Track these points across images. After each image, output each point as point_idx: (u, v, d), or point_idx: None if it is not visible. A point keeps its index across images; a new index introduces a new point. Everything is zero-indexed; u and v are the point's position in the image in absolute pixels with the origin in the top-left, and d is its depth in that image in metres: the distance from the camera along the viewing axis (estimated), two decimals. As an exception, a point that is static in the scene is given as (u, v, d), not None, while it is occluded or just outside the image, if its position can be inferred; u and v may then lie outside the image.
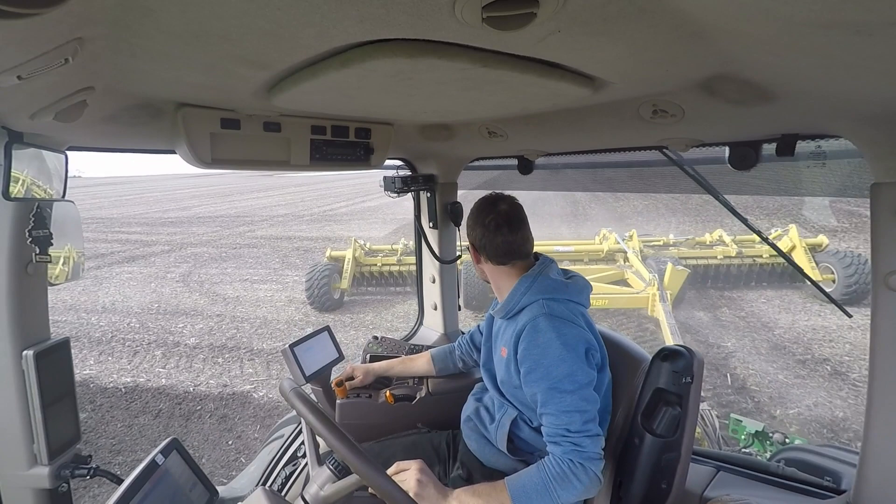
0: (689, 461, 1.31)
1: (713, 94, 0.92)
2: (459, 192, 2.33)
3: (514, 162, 1.98)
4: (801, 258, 7.24)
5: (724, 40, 0.66)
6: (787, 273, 7.69)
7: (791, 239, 7.47)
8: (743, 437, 3.19)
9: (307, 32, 0.68)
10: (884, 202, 0.96)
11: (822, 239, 7.62)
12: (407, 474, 1.16)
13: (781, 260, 7.34)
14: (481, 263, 1.45)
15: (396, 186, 2.10)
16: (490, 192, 1.45)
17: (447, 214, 2.27)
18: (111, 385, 5.35)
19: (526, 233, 1.39)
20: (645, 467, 1.28)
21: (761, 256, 7.67)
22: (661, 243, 8.35)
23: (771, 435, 3.04)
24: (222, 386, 5.37)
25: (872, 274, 1.00)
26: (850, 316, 1.55)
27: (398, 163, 2.23)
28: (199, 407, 4.92)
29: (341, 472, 1.10)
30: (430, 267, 2.39)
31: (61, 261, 1.34)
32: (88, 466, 1.29)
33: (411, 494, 1.09)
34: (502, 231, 1.35)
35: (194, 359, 6.17)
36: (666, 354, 1.33)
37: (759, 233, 1.60)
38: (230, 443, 4.23)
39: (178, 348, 6.47)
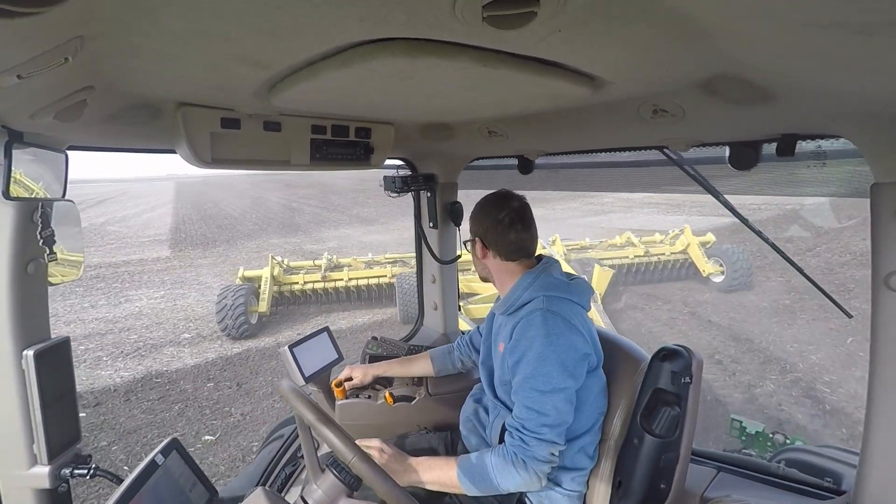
0: (689, 461, 1.31)
1: (713, 94, 0.92)
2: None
3: (514, 161, 1.98)
4: (696, 253, 8.46)
5: (724, 40, 0.66)
6: (684, 268, 8.83)
7: (686, 237, 8.56)
8: (743, 437, 3.19)
9: (307, 32, 0.68)
10: (884, 202, 0.96)
11: (710, 237, 8.77)
12: (370, 451, 1.24)
13: (681, 257, 8.68)
14: (486, 259, 1.43)
15: (397, 186, 2.10)
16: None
17: (447, 214, 2.26)
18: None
19: (535, 231, 1.40)
20: (644, 467, 1.28)
21: (664, 254, 8.64)
22: (579, 246, 8.82)
23: (771, 435, 3.04)
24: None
25: (872, 274, 1.00)
26: (850, 316, 1.54)
27: (398, 162, 2.23)
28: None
29: (342, 473, 1.10)
30: (431, 267, 2.39)
31: (82, 267, 1.37)
32: (88, 466, 1.28)
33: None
34: (516, 228, 1.35)
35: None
36: (665, 355, 1.33)
37: (759, 233, 1.60)
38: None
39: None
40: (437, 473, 1.24)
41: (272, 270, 7.38)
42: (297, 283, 7.63)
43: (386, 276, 7.84)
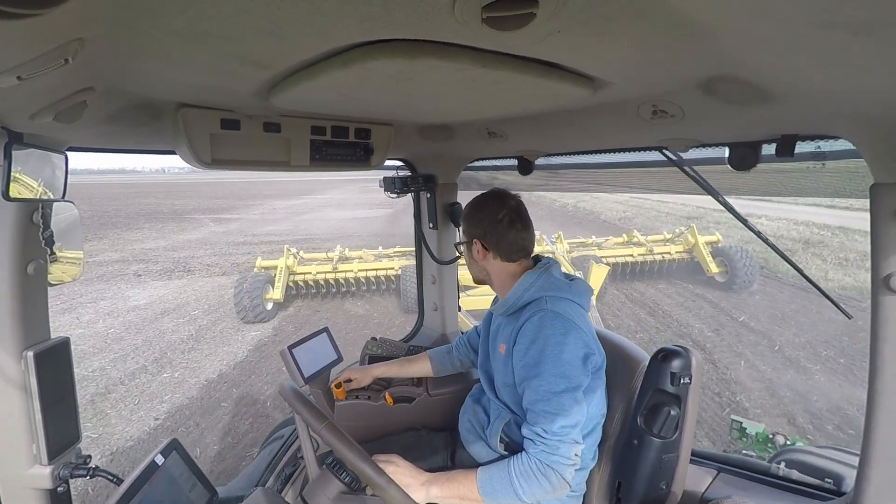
0: (689, 462, 1.30)
1: (713, 95, 0.92)
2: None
3: (514, 162, 1.98)
4: (702, 253, 8.60)
5: (724, 40, 0.66)
6: (690, 266, 9.03)
7: (691, 236, 8.69)
8: (743, 438, 3.19)
9: (307, 32, 0.68)
10: (884, 203, 0.96)
11: (717, 236, 8.89)
12: (383, 465, 1.20)
13: (687, 256, 8.81)
14: (485, 261, 1.40)
15: (396, 187, 2.10)
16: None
17: (447, 215, 2.26)
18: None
19: (533, 230, 1.41)
20: (644, 468, 1.28)
21: (669, 253, 8.83)
22: (583, 244, 9.07)
23: (771, 436, 3.04)
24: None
25: (872, 275, 0.99)
26: (850, 317, 1.54)
27: (398, 163, 2.23)
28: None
29: (341, 473, 1.10)
30: (430, 268, 2.39)
31: (83, 267, 1.39)
32: (88, 466, 1.28)
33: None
34: (516, 227, 1.35)
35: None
36: (664, 355, 1.33)
37: (759, 233, 1.59)
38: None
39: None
40: (457, 487, 1.20)
41: (286, 260, 7.84)
42: (309, 272, 8.07)
43: (393, 268, 8.15)
